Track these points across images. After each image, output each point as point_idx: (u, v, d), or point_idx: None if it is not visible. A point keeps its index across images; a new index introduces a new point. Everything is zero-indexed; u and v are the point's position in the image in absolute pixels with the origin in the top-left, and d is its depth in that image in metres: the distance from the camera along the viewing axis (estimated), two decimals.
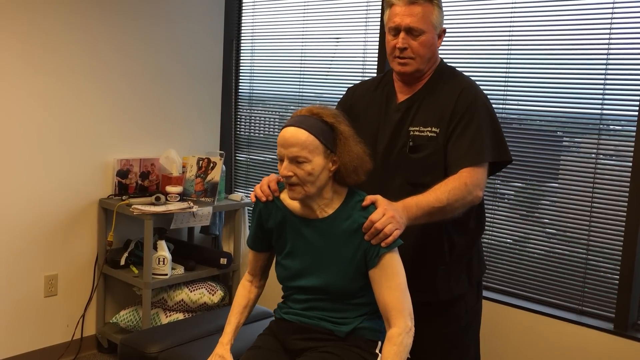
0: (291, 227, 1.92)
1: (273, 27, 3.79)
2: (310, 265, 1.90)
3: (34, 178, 3.20)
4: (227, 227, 3.77)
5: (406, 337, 1.77)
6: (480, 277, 2.21)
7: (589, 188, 2.62)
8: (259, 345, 2.00)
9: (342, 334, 1.88)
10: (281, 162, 1.82)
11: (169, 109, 3.71)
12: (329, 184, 1.85)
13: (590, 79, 2.60)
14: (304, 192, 1.81)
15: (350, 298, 1.88)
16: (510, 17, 2.78)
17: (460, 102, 2.01)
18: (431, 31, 2.00)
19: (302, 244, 1.91)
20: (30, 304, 3.25)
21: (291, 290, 1.97)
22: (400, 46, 1.99)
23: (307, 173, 1.78)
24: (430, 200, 1.88)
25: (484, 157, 1.98)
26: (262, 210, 1.97)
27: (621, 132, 2.61)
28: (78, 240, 3.40)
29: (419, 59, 2.01)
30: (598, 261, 2.63)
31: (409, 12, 1.97)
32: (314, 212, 1.88)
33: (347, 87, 2.30)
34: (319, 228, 1.88)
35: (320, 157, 1.79)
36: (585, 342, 2.59)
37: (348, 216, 1.85)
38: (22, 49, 3.09)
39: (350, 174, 1.83)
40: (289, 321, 1.96)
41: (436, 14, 2.00)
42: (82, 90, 3.33)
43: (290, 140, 1.78)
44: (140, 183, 3.54)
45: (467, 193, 1.93)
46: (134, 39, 3.50)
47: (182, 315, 3.37)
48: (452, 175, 1.95)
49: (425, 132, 2.02)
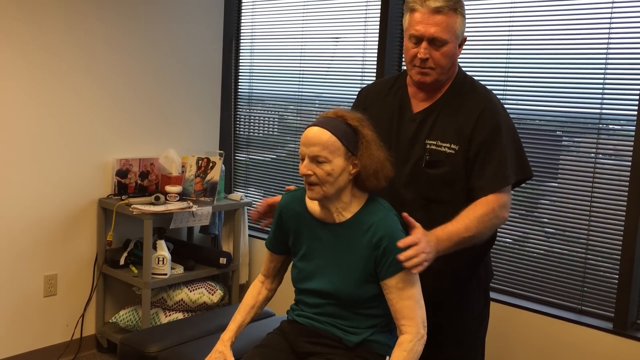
0: (309, 229, 1.93)
1: (272, 27, 3.80)
2: (323, 269, 1.90)
3: (33, 178, 3.20)
4: (227, 227, 3.77)
5: (417, 344, 1.78)
6: (487, 283, 2.20)
7: (588, 187, 2.62)
8: (266, 343, 2.00)
9: (351, 343, 1.87)
10: (302, 160, 1.82)
11: (168, 108, 3.71)
12: (349, 187, 1.85)
13: (589, 78, 2.60)
14: (322, 192, 1.80)
15: (359, 306, 1.87)
16: (510, 15, 2.78)
17: (481, 123, 1.95)
18: (454, 41, 1.93)
19: (318, 246, 1.91)
20: (30, 303, 3.25)
21: (303, 292, 1.97)
22: (423, 57, 1.91)
23: (326, 173, 1.78)
24: (460, 230, 1.86)
25: (509, 180, 1.96)
26: (283, 209, 1.98)
27: (620, 132, 2.61)
28: (77, 240, 3.40)
29: (439, 69, 1.94)
30: (597, 260, 2.63)
31: (433, 21, 1.89)
32: (331, 215, 1.88)
33: (347, 87, 2.27)
34: (335, 232, 1.88)
35: (340, 158, 1.79)
36: (585, 342, 2.59)
37: (368, 226, 1.83)
38: (21, 49, 3.09)
39: (370, 178, 1.82)
40: (300, 323, 1.96)
41: (460, 22, 1.93)
42: (82, 89, 3.33)
43: (312, 139, 1.78)
44: (140, 183, 3.53)
45: (496, 218, 1.93)
46: (134, 38, 3.50)
47: (182, 314, 3.37)
48: (480, 200, 1.92)
49: (444, 147, 1.97)
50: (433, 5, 1.89)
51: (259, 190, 3.94)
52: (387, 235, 1.80)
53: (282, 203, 1.99)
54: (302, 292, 1.97)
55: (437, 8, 1.89)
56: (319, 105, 3.64)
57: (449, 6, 1.90)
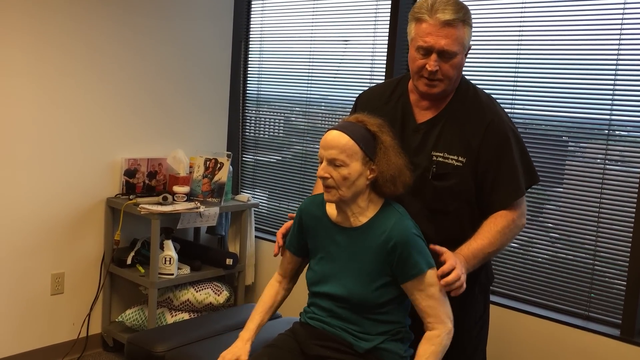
0: (326, 233, 1.95)
1: (281, 29, 3.80)
2: (338, 273, 1.91)
3: (42, 177, 3.21)
4: (233, 228, 3.77)
5: (446, 338, 1.84)
6: (488, 286, 2.21)
7: (596, 193, 2.62)
8: (275, 343, 2.01)
9: (361, 349, 1.88)
10: (320, 163, 1.85)
11: (176, 109, 3.72)
12: (366, 192, 1.86)
13: (599, 84, 2.60)
14: (338, 195, 1.83)
15: (372, 311, 1.88)
16: (520, 21, 2.78)
17: (489, 136, 1.95)
18: (462, 52, 1.91)
19: (334, 250, 1.93)
20: (37, 301, 3.26)
21: (317, 295, 1.98)
22: (433, 69, 1.89)
23: (342, 177, 1.80)
24: (485, 246, 1.91)
25: (523, 189, 1.99)
26: (303, 212, 2.01)
27: (630, 138, 2.60)
28: (85, 239, 3.41)
29: (447, 81, 1.93)
30: (605, 266, 2.63)
31: (444, 34, 1.85)
32: (348, 219, 1.90)
33: (355, 89, 2.26)
34: (351, 236, 1.90)
35: (358, 163, 1.81)
36: (592, 348, 2.58)
37: (383, 230, 1.85)
38: (32, 46, 3.10)
39: (387, 184, 1.84)
40: (312, 326, 1.97)
41: (468, 34, 1.91)
42: (91, 89, 3.34)
43: (331, 142, 1.81)
44: (148, 183, 3.54)
45: (516, 227, 1.98)
46: (144, 38, 3.51)
47: (188, 315, 3.38)
48: (499, 213, 1.95)
49: (451, 159, 1.96)
50: (443, 19, 1.85)
51: (265, 191, 3.94)
52: (402, 239, 1.82)
53: (303, 206, 2.02)
54: (316, 295, 1.98)
55: (447, 21, 1.85)
56: (326, 108, 3.64)
57: (459, 18, 1.86)
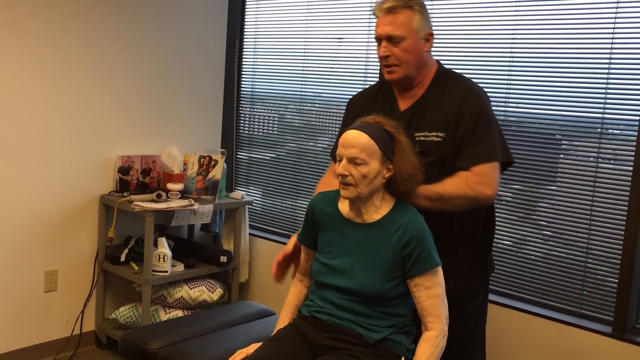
0: (338, 228, 1.99)
1: (276, 26, 3.80)
2: (349, 267, 1.94)
3: (35, 174, 3.20)
4: (227, 225, 3.77)
5: (442, 340, 1.90)
6: (488, 276, 2.26)
7: (589, 191, 2.63)
8: (279, 337, 2.02)
9: (372, 340, 1.92)
10: (340, 161, 1.89)
11: (171, 106, 3.71)
12: (381, 190, 1.93)
13: (592, 82, 2.61)
14: (356, 192, 1.88)
15: (383, 304, 1.92)
16: (513, 19, 2.79)
17: (464, 105, 2.04)
18: (412, 36, 2.04)
19: (346, 245, 1.97)
20: (30, 299, 3.26)
21: (323, 287, 2.00)
22: (382, 54, 2.06)
23: (361, 175, 1.86)
24: (437, 186, 1.99)
25: (494, 155, 2.02)
26: (315, 208, 2.05)
27: (622, 136, 2.62)
28: (78, 236, 3.41)
29: (404, 65, 2.06)
30: (597, 264, 2.64)
31: (388, 20, 2.04)
32: (361, 216, 1.95)
33: (349, 87, 2.34)
34: (364, 231, 1.94)
35: (376, 162, 1.87)
36: (584, 345, 2.60)
37: (398, 226, 1.91)
38: (26, 45, 3.09)
39: (405, 182, 1.91)
40: (318, 319, 1.99)
41: (417, 19, 2.04)
42: (85, 86, 3.33)
43: (352, 141, 1.86)
44: (142, 180, 3.54)
45: (468, 188, 1.98)
46: (137, 36, 3.51)
47: (182, 312, 3.38)
48: (457, 173, 2.00)
49: (431, 137, 2.06)
50: (386, 6, 2.05)
51: (259, 189, 3.95)
52: (417, 234, 1.89)
53: (314, 202, 2.07)
54: (322, 287, 2.00)
55: (389, 8, 2.04)
56: (320, 105, 3.65)
57: (401, 5, 2.03)
